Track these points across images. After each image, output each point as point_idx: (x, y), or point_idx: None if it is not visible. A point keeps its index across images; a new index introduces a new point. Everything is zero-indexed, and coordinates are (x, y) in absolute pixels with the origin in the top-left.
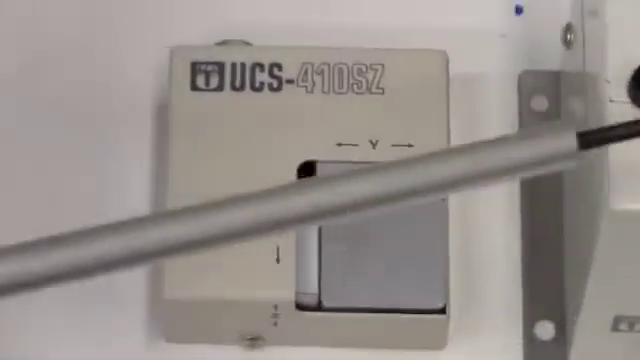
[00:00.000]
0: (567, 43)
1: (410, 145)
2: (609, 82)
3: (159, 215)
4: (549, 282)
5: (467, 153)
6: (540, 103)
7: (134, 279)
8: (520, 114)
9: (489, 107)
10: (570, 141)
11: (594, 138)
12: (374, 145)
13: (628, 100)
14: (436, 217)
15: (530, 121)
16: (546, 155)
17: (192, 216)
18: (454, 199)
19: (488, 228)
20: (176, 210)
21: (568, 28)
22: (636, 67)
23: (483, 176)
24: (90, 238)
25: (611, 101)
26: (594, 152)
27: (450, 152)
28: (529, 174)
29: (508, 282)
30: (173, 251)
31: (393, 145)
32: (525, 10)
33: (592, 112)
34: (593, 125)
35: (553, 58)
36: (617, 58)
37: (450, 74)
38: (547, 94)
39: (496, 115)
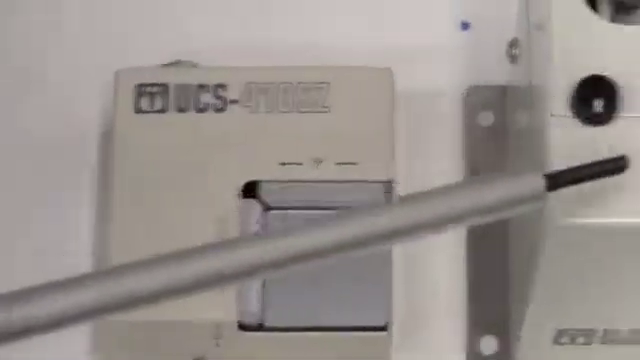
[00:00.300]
0: (512, 58)
1: (354, 163)
2: (551, 96)
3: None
4: (493, 297)
5: (438, 197)
6: (486, 118)
7: None
8: (466, 129)
9: (435, 123)
10: (539, 182)
11: (562, 180)
12: (318, 164)
13: (570, 114)
14: (381, 265)
15: (476, 136)
16: (515, 198)
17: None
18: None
19: (432, 243)
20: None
21: (513, 43)
22: (579, 81)
23: (454, 220)
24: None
25: (552, 115)
26: None
27: (425, 196)
28: (498, 217)
29: (452, 298)
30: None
31: (337, 163)
32: (471, 26)
33: (535, 126)
34: (537, 139)
35: (499, 73)
36: (560, 73)
37: (396, 91)
38: (493, 109)
39: (442, 131)
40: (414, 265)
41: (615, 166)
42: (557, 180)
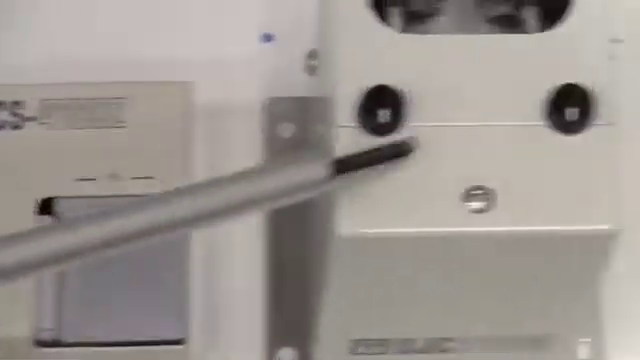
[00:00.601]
0: (311, 69)
1: (150, 177)
2: (337, 107)
3: None
4: (291, 309)
5: (221, 185)
6: (286, 129)
7: None
8: (266, 141)
9: (236, 135)
10: (322, 169)
11: (344, 165)
12: (114, 178)
13: (357, 125)
14: (176, 250)
15: (276, 147)
16: (300, 183)
17: None
18: (197, 232)
19: (231, 258)
20: None
21: (312, 54)
22: (364, 92)
23: (238, 207)
24: None
25: (339, 126)
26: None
27: (201, 186)
28: (284, 202)
29: (251, 310)
30: None
31: (133, 178)
32: (273, 38)
33: (327, 136)
34: (327, 150)
35: (302, 84)
36: (345, 84)
37: (197, 104)
38: (294, 120)
39: (243, 143)
40: (212, 274)
41: (400, 149)
42: (343, 164)
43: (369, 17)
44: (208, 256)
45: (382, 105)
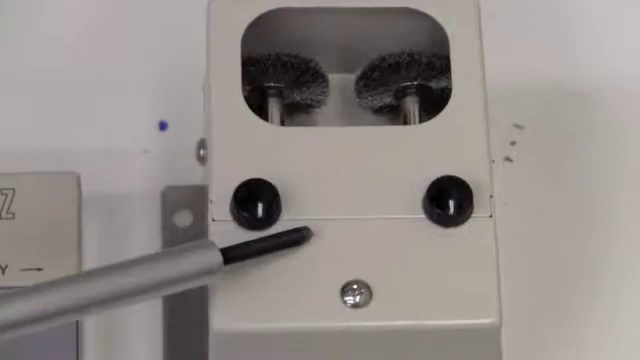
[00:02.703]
0: (201, 159)
1: (39, 269)
2: (212, 201)
3: None
4: None
5: (113, 272)
6: (184, 218)
7: None
8: (163, 230)
9: (133, 225)
10: (215, 257)
11: (235, 254)
12: (3, 270)
13: (231, 219)
14: (66, 338)
15: (173, 237)
16: (192, 271)
17: None
18: (92, 321)
19: (128, 348)
20: None
21: (201, 144)
22: (237, 186)
23: (130, 295)
24: None
25: (214, 220)
26: None
27: (93, 273)
28: (177, 289)
29: None
30: None
31: (22, 270)
32: (169, 125)
33: (206, 230)
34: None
35: (199, 172)
36: (220, 178)
37: (92, 194)
38: (192, 209)
39: (139, 233)
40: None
41: (297, 237)
42: (232, 253)
43: (245, 109)
44: (103, 347)
45: (256, 199)
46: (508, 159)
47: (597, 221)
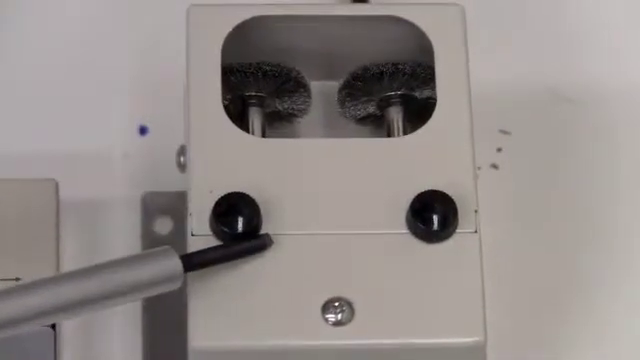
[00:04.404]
0: (181, 166)
1: (17, 279)
2: (191, 215)
3: None
4: None
5: (75, 278)
6: (164, 224)
7: None
8: (143, 237)
9: (112, 231)
10: (175, 264)
11: (196, 261)
12: None
13: (211, 233)
14: (44, 338)
15: (153, 243)
16: (153, 278)
17: None
18: (69, 324)
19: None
20: None
21: (182, 151)
22: (217, 200)
23: (89, 302)
24: None
25: (193, 235)
26: None
27: (57, 278)
28: (139, 296)
29: None
30: None
31: (0, 280)
32: (150, 130)
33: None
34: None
35: (179, 178)
36: (198, 192)
37: (71, 199)
38: (172, 215)
39: (119, 239)
40: None
41: (257, 244)
42: (193, 260)
43: (225, 120)
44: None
45: (237, 214)
46: (494, 166)
47: (585, 228)
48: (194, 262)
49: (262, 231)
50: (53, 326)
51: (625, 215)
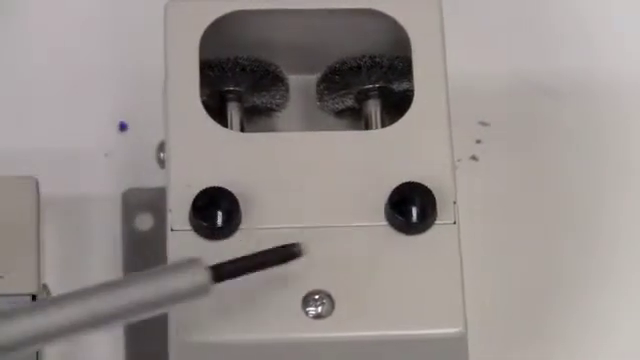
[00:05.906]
0: (161, 162)
1: (0, 277)
2: (170, 210)
3: None
4: None
5: (101, 293)
6: (145, 221)
7: None
8: (124, 233)
9: (93, 228)
10: (203, 275)
11: (226, 272)
12: None
13: (190, 228)
14: None
15: (134, 240)
16: (183, 291)
17: None
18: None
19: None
20: None
21: (161, 147)
22: (196, 194)
23: (119, 315)
24: None
25: (173, 230)
26: None
27: (85, 293)
28: (166, 309)
29: None
30: None
31: None
32: (130, 127)
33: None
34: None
35: (160, 174)
36: (178, 187)
37: (51, 196)
38: (153, 211)
39: (100, 236)
40: None
41: (288, 253)
42: (221, 271)
43: (204, 115)
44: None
45: (216, 208)
46: (474, 158)
47: (565, 220)
48: (223, 273)
49: (241, 226)
50: None
51: (606, 206)
